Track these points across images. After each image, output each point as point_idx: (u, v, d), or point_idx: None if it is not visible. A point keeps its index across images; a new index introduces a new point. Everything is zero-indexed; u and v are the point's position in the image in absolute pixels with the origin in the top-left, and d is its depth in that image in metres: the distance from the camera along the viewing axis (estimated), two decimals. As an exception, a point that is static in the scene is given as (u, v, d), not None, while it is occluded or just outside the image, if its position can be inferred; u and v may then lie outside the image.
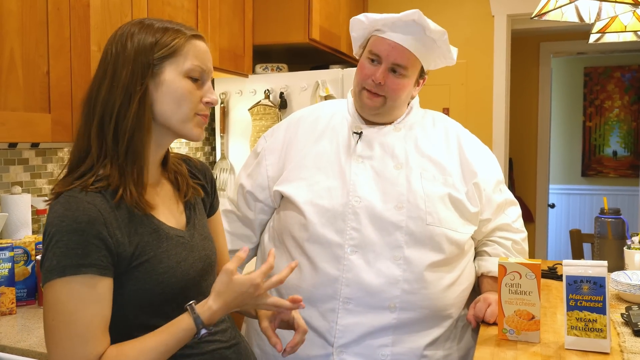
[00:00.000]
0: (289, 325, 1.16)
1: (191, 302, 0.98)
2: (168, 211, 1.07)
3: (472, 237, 1.53)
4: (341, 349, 1.39)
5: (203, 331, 0.97)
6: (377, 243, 1.39)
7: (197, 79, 1.03)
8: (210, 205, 1.23)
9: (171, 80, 1.00)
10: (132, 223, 0.98)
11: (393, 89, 1.45)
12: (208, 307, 0.98)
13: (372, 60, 1.46)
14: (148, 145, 1.01)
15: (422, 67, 1.50)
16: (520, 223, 1.59)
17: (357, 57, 1.55)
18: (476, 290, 1.56)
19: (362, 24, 1.49)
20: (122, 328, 0.97)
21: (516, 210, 1.59)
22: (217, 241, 1.22)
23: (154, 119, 1.01)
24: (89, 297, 0.91)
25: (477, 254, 1.58)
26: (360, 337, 1.39)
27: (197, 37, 1.04)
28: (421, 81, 1.53)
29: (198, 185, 1.17)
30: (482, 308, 1.44)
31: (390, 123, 1.52)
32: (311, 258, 1.42)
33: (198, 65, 1.02)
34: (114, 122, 0.98)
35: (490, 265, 1.52)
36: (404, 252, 1.39)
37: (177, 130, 1.03)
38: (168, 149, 1.11)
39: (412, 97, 1.55)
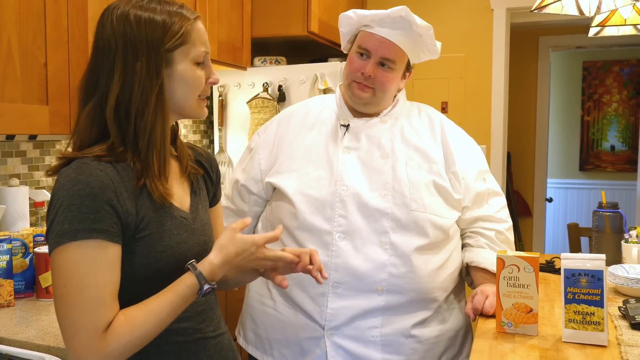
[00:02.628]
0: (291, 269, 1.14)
1: (191, 260, 0.99)
2: (175, 190, 1.07)
3: (457, 225, 1.57)
4: (332, 332, 1.45)
5: (206, 286, 0.98)
6: (364, 229, 1.45)
7: (202, 62, 1.04)
8: (214, 195, 1.24)
9: (184, 69, 1.01)
10: (141, 196, 0.99)
11: (382, 81, 1.50)
12: (209, 261, 0.99)
13: (361, 55, 1.52)
14: (167, 135, 1.02)
15: (408, 61, 1.55)
16: (504, 213, 1.61)
17: (345, 52, 1.61)
18: (462, 276, 1.61)
19: (350, 19, 1.54)
20: None
21: (500, 201, 1.62)
22: (216, 232, 1.23)
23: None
24: (101, 262, 0.91)
25: (462, 245, 1.61)
26: (350, 320, 1.44)
27: (198, 18, 1.05)
28: (408, 74, 1.59)
29: (204, 174, 1.19)
30: (480, 300, 1.45)
31: (377, 115, 1.57)
32: (302, 245, 1.48)
33: (204, 50, 1.04)
34: (134, 118, 0.98)
35: (473, 256, 1.55)
36: (390, 238, 1.44)
37: (188, 114, 1.06)
38: (177, 126, 1.13)
39: (399, 90, 1.60)
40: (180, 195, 1.09)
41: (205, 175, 1.20)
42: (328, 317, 1.45)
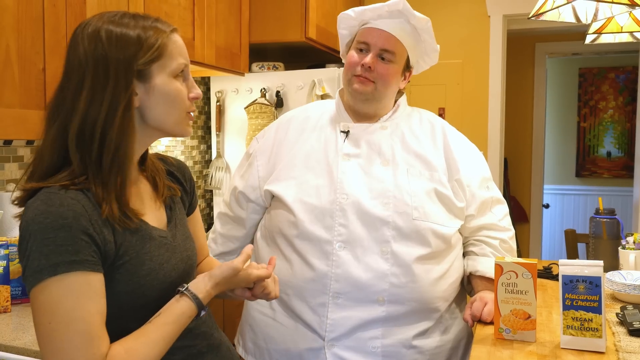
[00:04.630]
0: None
1: (184, 285, 0.99)
2: (149, 210, 1.04)
3: (460, 233, 1.55)
4: (332, 342, 1.42)
5: (202, 312, 0.99)
6: (365, 238, 1.42)
7: (181, 75, 1.00)
8: (190, 204, 1.20)
9: (162, 83, 0.96)
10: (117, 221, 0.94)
11: (382, 73, 1.48)
12: (207, 292, 1.00)
13: (361, 50, 1.50)
14: (132, 153, 0.97)
15: (407, 59, 1.53)
16: (507, 221, 1.59)
17: (343, 58, 1.59)
18: (463, 285, 1.59)
19: (350, 18, 1.54)
20: None
21: (503, 209, 1.60)
22: (197, 239, 1.21)
23: (146, 123, 0.98)
24: (86, 293, 0.86)
25: (465, 253, 1.59)
26: (350, 330, 1.42)
27: (174, 30, 1.00)
28: (408, 74, 1.57)
29: (176, 184, 1.15)
30: (479, 307, 1.44)
31: (376, 120, 1.55)
32: (301, 254, 1.45)
33: (183, 62, 0.99)
34: (99, 137, 0.92)
35: (477, 265, 1.53)
36: (391, 247, 1.42)
37: (171, 131, 1.01)
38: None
39: (400, 93, 1.59)
40: (155, 214, 1.05)
41: (180, 188, 1.15)
42: (328, 327, 1.42)
